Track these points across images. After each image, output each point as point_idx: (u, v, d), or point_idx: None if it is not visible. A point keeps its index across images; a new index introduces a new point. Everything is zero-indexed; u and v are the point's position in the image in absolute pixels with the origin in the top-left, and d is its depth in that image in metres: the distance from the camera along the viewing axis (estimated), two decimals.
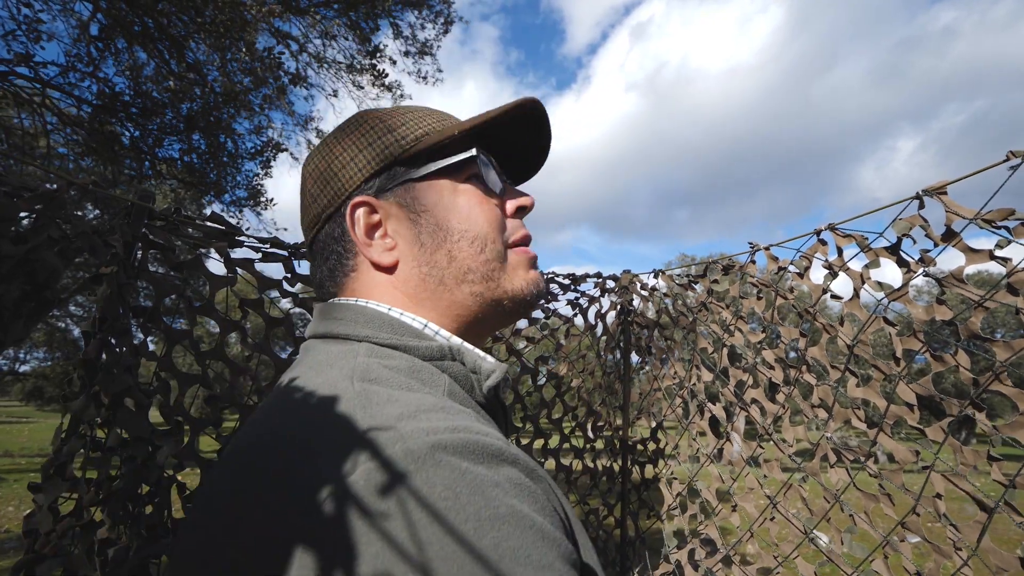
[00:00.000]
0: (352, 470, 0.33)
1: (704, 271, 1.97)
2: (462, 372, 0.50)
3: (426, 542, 0.30)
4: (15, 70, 4.27)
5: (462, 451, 0.34)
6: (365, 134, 0.57)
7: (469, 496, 0.32)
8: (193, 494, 0.39)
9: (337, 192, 0.56)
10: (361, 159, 0.56)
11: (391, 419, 0.37)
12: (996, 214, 0.96)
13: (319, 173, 0.58)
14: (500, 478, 0.34)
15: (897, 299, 1.18)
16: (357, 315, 0.52)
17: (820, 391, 1.43)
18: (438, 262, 0.55)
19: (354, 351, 0.47)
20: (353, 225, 0.55)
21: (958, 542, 1.03)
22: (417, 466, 0.33)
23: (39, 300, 1.05)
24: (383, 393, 0.40)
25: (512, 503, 0.33)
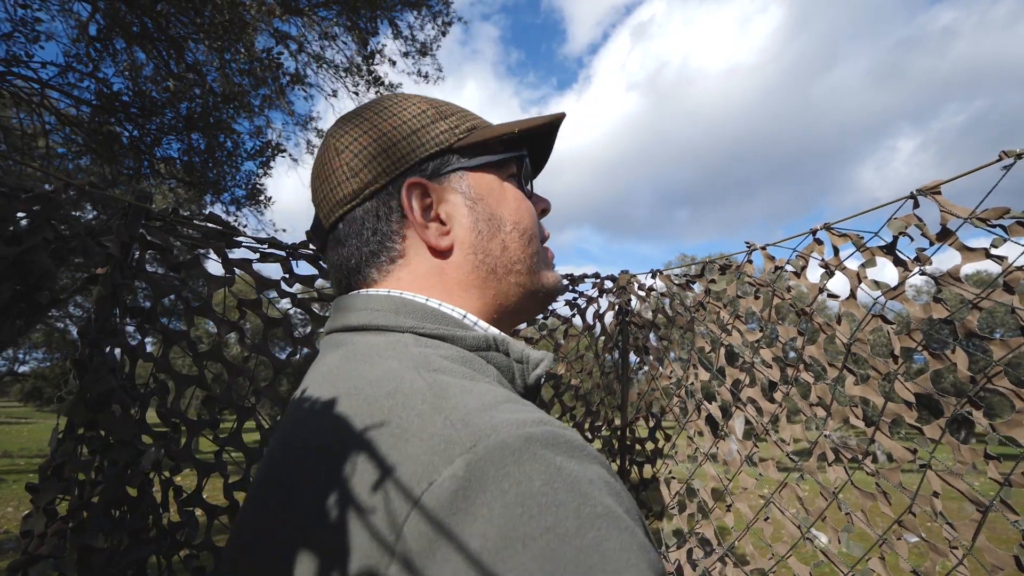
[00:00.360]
0: (449, 461, 0.33)
1: (702, 271, 1.97)
2: (505, 363, 0.50)
3: (530, 537, 0.29)
4: (13, 70, 4.27)
5: (553, 445, 0.34)
6: (419, 116, 0.56)
7: (567, 492, 0.31)
8: (253, 494, 0.38)
9: (388, 168, 0.54)
10: (417, 140, 0.55)
11: (475, 410, 0.36)
12: (991, 213, 0.96)
13: (364, 146, 0.54)
14: (592, 475, 0.34)
15: (894, 298, 1.18)
16: (397, 306, 0.50)
17: (818, 389, 1.43)
18: (492, 250, 0.56)
19: (402, 341, 0.46)
20: (410, 205, 0.53)
21: (954, 541, 1.03)
22: (515, 459, 0.32)
23: (31, 302, 1.05)
24: (455, 384, 0.40)
25: (607, 502, 0.32)
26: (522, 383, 0.50)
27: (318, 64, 6.21)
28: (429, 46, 6.56)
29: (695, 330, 1.98)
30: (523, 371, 0.51)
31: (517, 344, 0.51)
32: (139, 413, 1.29)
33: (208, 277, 1.45)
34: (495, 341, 0.50)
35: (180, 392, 1.37)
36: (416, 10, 6.14)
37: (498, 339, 0.50)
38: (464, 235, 0.55)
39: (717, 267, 1.88)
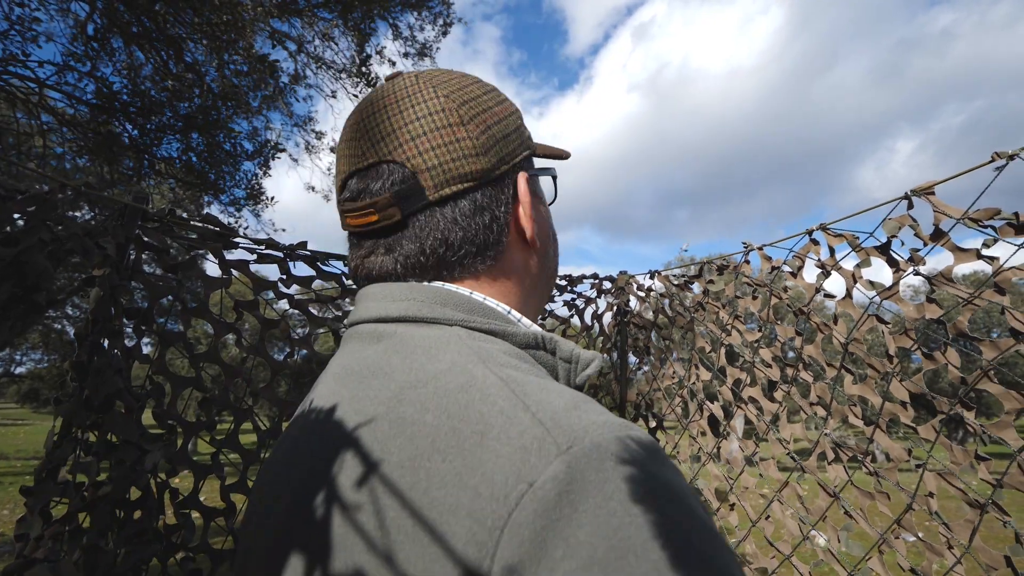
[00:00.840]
0: (548, 462, 0.30)
1: (700, 271, 1.98)
2: (550, 362, 0.47)
3: (641, 548, 0.27)
4: (10, 69, 4.26)
5: (645, 450, 0.32)
6: (515, 112, 0.55)
7: (666, 499, 0.30)
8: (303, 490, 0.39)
9: (507, 155, 0.51)
10: (523, 133, 0.55)
11: (560, 409, 0.34)
12: (982, 213, 0.97)
13: (486, 127, 0.49)
14: (684, 484, 0.32)
15: (888, 297, 1.18)
16: (444, 297, 0.46)
17: (817, 388, 1.44)
18: (551, 254, 0.59)
19: (455, 334, 0.43)
20: (528, 198, 0.52)
21: (951, 540, 1.04)
22: (613, 463, 0.30)
23: (29, 303, 1.05)
24: (531, 381, 0.37)
25: (700, 512, 0.31)
26: (568, 384, 0.48)
27: (317, 65, 6.21)
28: (429, 47, 6.57)
29: (695, 330, 1.98)
30: (570, 371, 0.48)
31: (566, 343, 0.48)
32: (136, 414, 1.29)
33: (205, 278, 1.45)
34: (541, 339, 0.47)
35: (177, 394, 1.37)
36: (416, 11, 6.14)
37: (544, 337, 0.47)
38: (542, 235, 0.56)
39: (715, 267, 1.89)
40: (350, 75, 6.31)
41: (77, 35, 4.75)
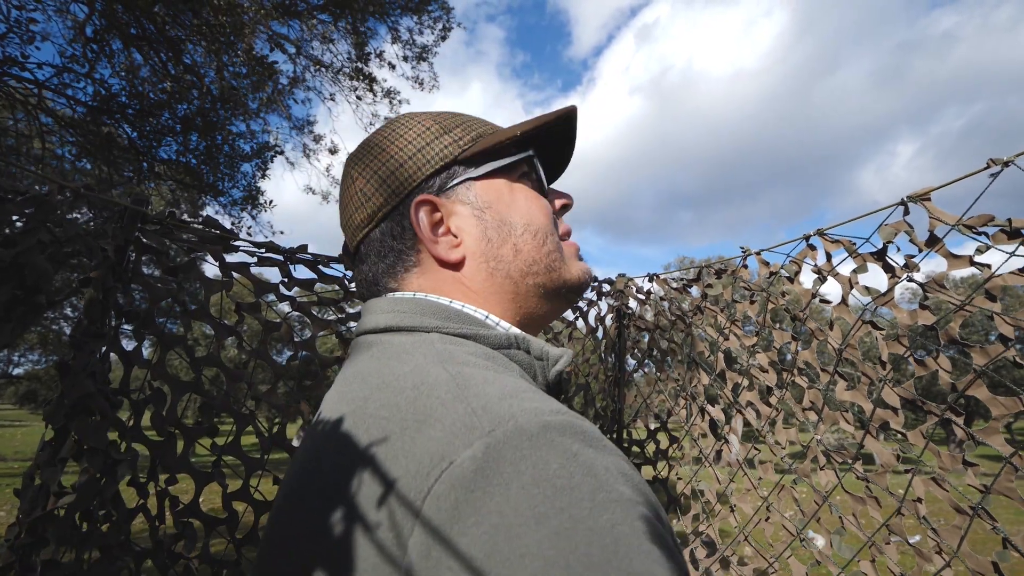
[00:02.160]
0: (469, 443, 0.34)
1: (698, 275, 1.99)
2: (526, 361, 0.51)
3: (544, 516, 0.30)
4: (8, 71, 4.26)
5: (571, 433, 0.35)
6: (422, 134, 0.59)
7: (583, 476, 0.32)
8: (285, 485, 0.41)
9: (395, 191, 0.57)
10: (420, 159, 0.58)
11: (495, 398, 0.38)
12: (976, 220, 0.98)
13: (373, 172, 0.58)
14: (608, 463, 0.35)
15: (883, 304, 1.19)
16: (423, 307, 0.53)
17: (811, 394, 1.45)
18: (504, 256, 0.57)
19: (428, 340, 0.48)
20: (418, 223, 0.56)
21: (939, 545, 1.05)
22: (532, 444, 0.33)
23: (30, 304, 1.05)
24: (478, 375, 0.41)
25: (622, 489, 0.33)
26: (543, 380, 0.52)
27: (316, 68, 6.22)
28: (428, 51, 6.58)
29: (694, 333, 1.99)
30: (544, 368, 0.52)
31: (537, 342, 0.53)
32: (133, 419, 1.28)
33: (205, 280, 1.46)
34: (516, 339, 0.52)
35: (176, 398, 1.36)
36: (416, 15, 6.15)
37: (519, 337, 0.52)
38: (474, 245, 0.57)
39: (713, 271, 1.90)
40: (349, 78, 6.32)
41: (76, 36, 4.75)
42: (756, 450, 1.70)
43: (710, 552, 1.86)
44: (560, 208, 0.65)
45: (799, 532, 1.43)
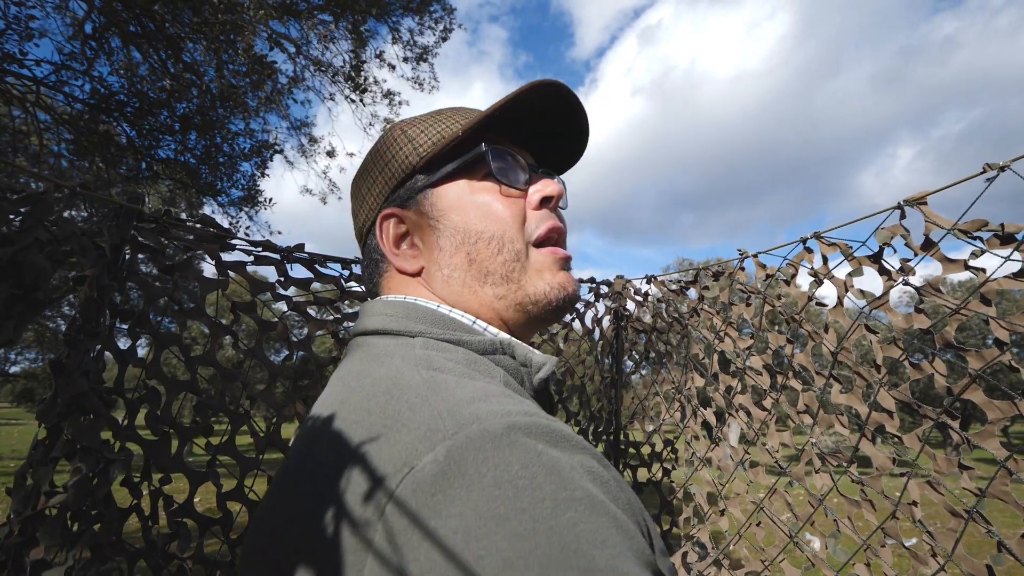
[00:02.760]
0: (432, 447, 0.34)
1: (695, 277, 1.99)
2: (513, 366, 0.51)
3: (504, 518, 0.30)
4: (7, 68, 4.25)
5: (537, 433, 0.35)
6: (390, 147, 0.59)
7: (545, 476, 0.32)
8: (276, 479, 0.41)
9: (371, 206, 0.59)
10: (387, 173, 0.58)
11: (463, 401, 0.38)
12: (970, 225, 0.98)
13: (356, 191, 0.62)
14: (574, 462, 0.35)
15: (878, 307, 1.20)
16: (409, 311, 0.52)
17: (805, 397, 1.45)
18: (457, 265, 0.54)
19: (410, 344, 0.48)
20: (382, 236, 0.57)
21: (933, 548, 1.05)
22: (494, 445, 0.33)
23: (29, 301, 1.04)
24: (451, 380, 0.41)
25: (587, 487, 0.33)
26: (530, 386, 0.52)
27: (316, 68, 6.21)
28: (429, 52, 6.58)
29: (690, 335, 1.99)
30: (528, 374, 0.52)
31: (522, 348, 0.52)
32: (127, 419, 1.27)
33: (201, 279, 1.45)
34: (502, 344, 0.51)
35: (172, 397, 1.36)
36: (417, 15, 6.15)
37: (504, 343, 0.51)
38: (429, 254, 0.56)
39: (710, 274, 1.90)
40: (348, 78, 6.31)
41: (75, 34, 4.74)
42: (747, 453, 1.70)
43: (702, 555, 1.86)
44: (540, 202, 0.57)
45: (794, 535, 1.43)
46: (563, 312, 0.56)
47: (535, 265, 0.55)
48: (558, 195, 0.57)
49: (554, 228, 0.56)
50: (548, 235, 0.56)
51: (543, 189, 0.57)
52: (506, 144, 0.58)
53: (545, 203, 0.57)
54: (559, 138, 0.62)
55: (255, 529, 0.42)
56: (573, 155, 0.65)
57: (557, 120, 0.60)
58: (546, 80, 0.54)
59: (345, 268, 1.71)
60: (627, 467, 2.43)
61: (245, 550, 0.43)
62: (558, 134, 0.62)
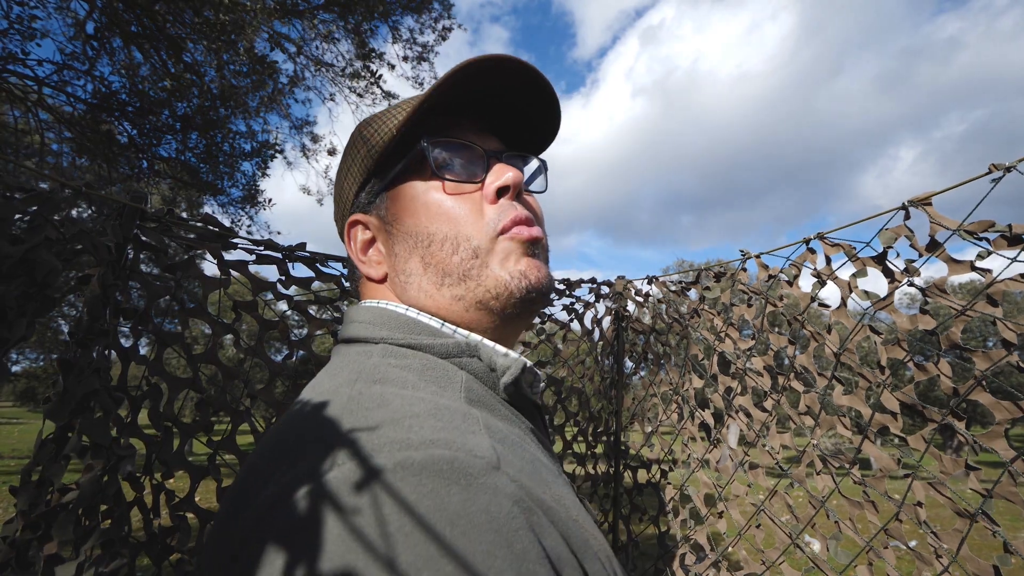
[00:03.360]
0: (325, 472, 0.32)
1: (696, 278, 1.99)
2: (482, 368, 0.48)
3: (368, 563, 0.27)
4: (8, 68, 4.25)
5: (433, 472, 0.31)
6: (350, 151, 0.57)
7: (412, 527, 0.28)
8: None
9: (342, 213, 0.59)
10: (350, 177, 0.57)
11: (373, 423, 0.35)
12: (976, 226, 0.98)
13: (334, 197, 0.62)
14: (471, 508, 0.30)
15: (883, 308, 1.19)
16: (376, 317, 0.51)
17: (807, 398, 1.44)
18: (413, 270, 0.52)
19: (369, 352, 0.47)
20: (350, 243, 0.57)
21: (938, 549, 1.05)
22: (378, 482, 0.30)
23: (42, 299, 1.05)
24: (376, 396, 0.39)
25: (473, 538, 0.29)
26: (500, 390, 0.48)
27: (316, 67, 6.22)
28: (429, 50, 6.58)
29: (690, 336, 1.99)
30: (496, 378, 0.48)
31: (488, 350, 0.48)
32: (130, 416, 1.28)
33: (203, 278, 1.45)
34: (468, 347, 0.48)
35: (174, 395, 1.37)
36: (416, 15, 6.16)
37: (471, 345, 0.48)
38: (389, 261, 0.55)
39: (712, 274, 1.90)
40: (349, 78, 6.32)
41: (76, 34, 4.74)
42: (747, 455, 1.70)
43: (700, 557, 1.86)
44: (496, 193, 0.51)
45: (795, 537, 1.43)
46: (531, 304, 0.50)
47: (497, 256, 0.50)
48: (515, 184, 0.51)
49: (519, 217, 0.51)
50: (513, 225, 0.51)
51: (497, 179, 0.51)
52: (464, 131, 0.53)
53: (502, 193, 0.52)
54: (529, 116, 0.57)
55: None
56: (547, 133, 0.59)
57: (518, 96, 0.54)
58: (482, 57, 0.48)
59: (346, 267, 1.71)
60: (627, 468, 2.43)
61: None
62: (527, 112, 0.56)
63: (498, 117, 0.56)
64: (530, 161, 0.60)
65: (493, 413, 0.44)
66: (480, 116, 0.55)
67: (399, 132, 0.50)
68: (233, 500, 0.36)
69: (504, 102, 0.54)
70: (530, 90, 0.54)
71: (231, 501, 0.37)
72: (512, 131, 0.58)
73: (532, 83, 0.53)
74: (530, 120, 0.58)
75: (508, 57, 0.49)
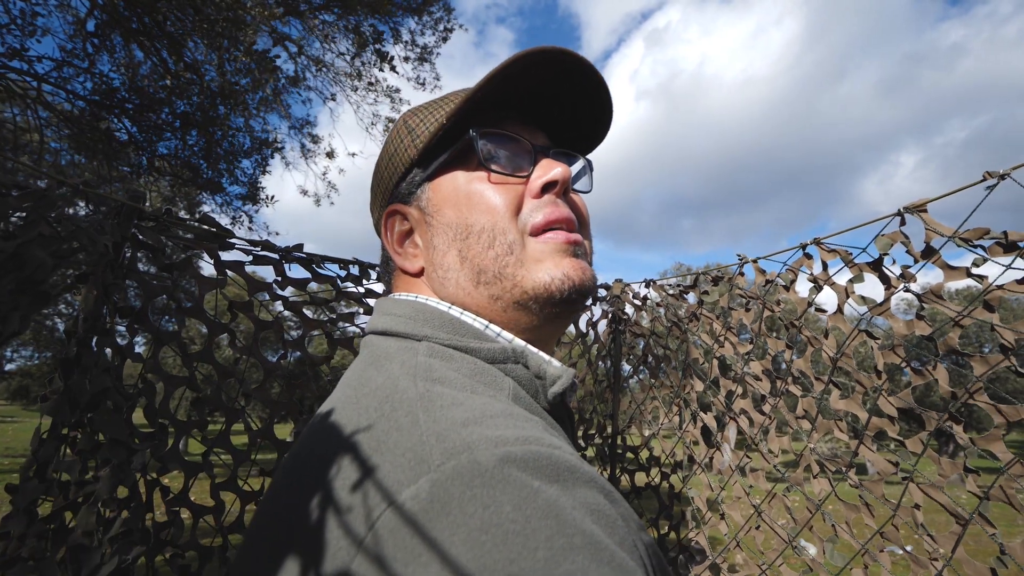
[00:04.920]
0: (415, 479, 0.31)
1: (694, 282, 1.99)
2: (526, 376, 0.46)
3: (489, 569, 0.26)
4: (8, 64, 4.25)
5: (534, 467, 0.31)
6: (393, 140, 0.56)
7: (540, 520, 0.28)
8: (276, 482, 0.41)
9: (380, 202, 0.59)
10: (392, 166, 0.55)
11: (456, 424, 0.34)
12: (972, 233, 0.98)
13: (372, 185, 0.61)
14: (576, 501, 0.31)
15: (880, 314, 1.20)
16: (416, 312, 0.48)
17: (804, 403, 1.45)
18: (451, 264, 0.50)
19: (414, 349, 0.44)
20: (388, 234, 0.55)
21: (934, 552, 1.05)
22: (484, 481, 0.29)
23: (35, 295, 1.05)
24: (447, 395, 0.38)
25: (589, 530, 0.29)
26: (545, 399, 0.46)
27: (317, 67, 6.22)
28: (429, 52, 6.59)
29: (689, 340, 1.99)
30: (543, 386, 0.47)
31: (536, 358, 0.47)
32: (125, 413, 1.28)
33: (200, 278, 1.45)
34: (515, 353, 0.46)
35: (169, 393, 1.36)
36: (417, 16, 6.17)
37: (518, 351, 0.46)
38: (428, 254, 0.53)
39: (710, 278, 1.90)
40: (352, 77, 6.32)
41: (77, 31, 4.74)
42: (748, 458, 1.70)
43: (700, 559, 1.86)
44: (542, 188, 0.50)
45: (791, 540, 1.43)
46: (576, 304, 0.49)
47: (532, 255, 0.48)
48: (562, 180, 0.50)
49: (557, 218, 0.49)
50: (548, 224, 0.49)
51: (545, 174, 0.50)
52: (510, 124, 0.52)
53: (548, 189, 0.50)
54: (579, 114, 0.56)
55: (255, 517, 0.41)
56: (597, 132, 0.58)
57: (571, 94, 0.53)
58: (542, 48, 0.46)
59: (343, 268, 1.71)
60: (624, 471, 2.43)
61: (244, 538, 0.42)
62: (577, 110, 0.55)
63: (546, 111, 0.55)
64: (576, 160, 0.58)
65: (544, 423, 0.43)
66: (528, 110, 0.54)
67: (449, 122, 0.49)
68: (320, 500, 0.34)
69: (554, 96, 0.53)
70: (583, 87, 0.52)
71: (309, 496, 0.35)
72: (560, 127, 0.57)
73: (586, 80, 0.51)
74: (579, 118, 0.56)
75: (563, 51, 0.47)
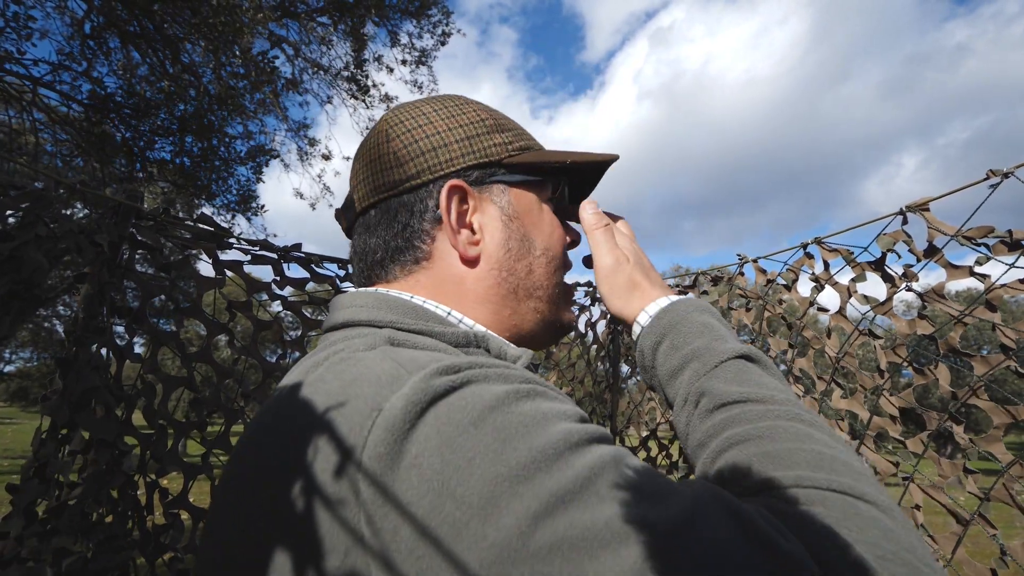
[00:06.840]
0: (394, 392, 0.34)
1: (694, 281, 1.98)
2: None
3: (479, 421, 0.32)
4: (4, 67, 4.24)
5: (502, 378, 0.37)
6: (475, 122, 0.56)
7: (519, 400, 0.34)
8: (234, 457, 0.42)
9: (434, 166, 0.53)
10: (468, 146, 0.54)
11: (422, 357, 0.39)
12: (976, 231, 0.98)
13: (414, 140, 0.53)
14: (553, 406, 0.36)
15: (882, 313, 1.19)
16: (379, 302, 0.50)
17: (805, 402, 1.44)
18: (518, 271, 0.55)
19: (375, 333, 0.46)
20: (449, 207, 0.53)
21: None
22: (464, 377, 0.35)
23: (28, 297, 1.04)
24: (411, 356, 0.40)
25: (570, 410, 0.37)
26: None
27: (314, 70, 6.22)
28: (427, 55, 6.59)
29: None
30: None
31: (496, 341, 0.50)
32: (125, 414, 1.27)
33: (198, 278, 1.44)
34: (476, 337, 0.49)
35: (168, 393, 1.35)
36: (415, 19, 6.17)
37: (479, 335, 0.49)
38: (493, 249, 0.55)
39: (710, 278, 1.89)
40: (346, 80, 6.32)
41: (74, 34, 4.73)
42: None
43: None
44: (569, 244, 0.62)
45: None
46: (560, 339, 0.64)
47: (566, 294, 0.61)
48: (578, 243, 0.64)
49: (571, 266, 0.63)
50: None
51: (575, 234, 0.63)
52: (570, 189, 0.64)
53: (572, 245, 0.63)
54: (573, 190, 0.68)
55: (218, 490, 0.41)
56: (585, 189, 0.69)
57: (587, 175, 0.66)
58: (615, 155, 0.62)
59: (341, 268, 1.70)
60: None
61: (208, 516, 0.41)
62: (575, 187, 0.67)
63: None
64: None
65: None
66: None
67: (570, 163, 0.58)
68: (301, 453, 0.35)
69: None
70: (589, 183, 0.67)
71: (289, 441, 0.36)
72: None
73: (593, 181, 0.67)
74: None
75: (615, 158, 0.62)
